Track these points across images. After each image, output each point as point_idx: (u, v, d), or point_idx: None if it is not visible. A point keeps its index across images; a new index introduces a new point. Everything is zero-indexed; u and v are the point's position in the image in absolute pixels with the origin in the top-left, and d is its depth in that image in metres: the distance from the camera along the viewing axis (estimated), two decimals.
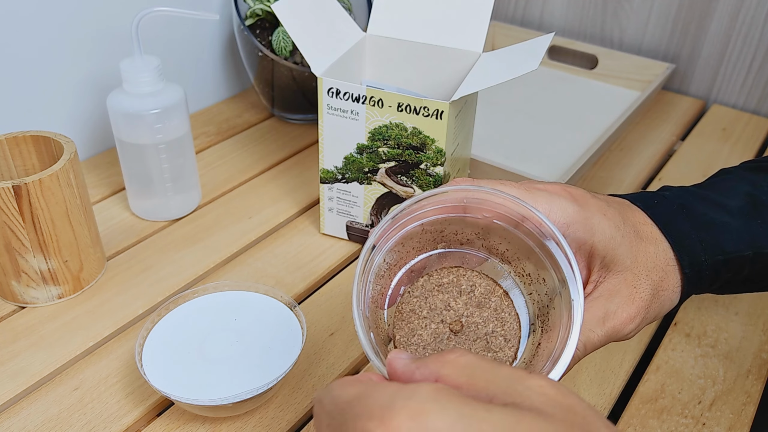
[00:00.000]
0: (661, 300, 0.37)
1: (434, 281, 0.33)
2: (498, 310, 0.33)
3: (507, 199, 0.34)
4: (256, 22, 0.71)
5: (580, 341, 0.34)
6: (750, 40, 0.81)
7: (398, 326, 0.32)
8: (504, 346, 0.32)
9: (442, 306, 0.32)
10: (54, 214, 0.49)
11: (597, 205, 0.37)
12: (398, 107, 0.51)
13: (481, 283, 0.33)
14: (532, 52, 0.49)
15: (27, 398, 0.45)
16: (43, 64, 0.64)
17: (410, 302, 0.32)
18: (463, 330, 0.31)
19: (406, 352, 0.27)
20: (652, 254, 0.37)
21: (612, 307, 0.35)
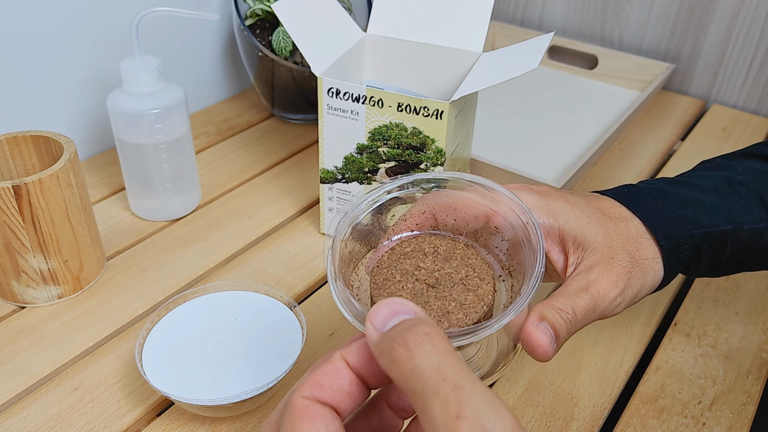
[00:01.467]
0: (642, 268, 0.37)
1: (397, 252, 0.34)
2: (465, 258, 0.34)
3: (476, 189, 0.36)
4: (256, 22, 0.71)
5: (569, 307, 0.35)
6: (750, 40, 0.81)
7: (376, 295, 0.32)
8: (481, 283, 0.32)
9: (412, 268, 0.33)
10: (54, 214, 0.49)
11: (558, 194, 0.40)
12: (398, 107, 0.51)
13: (442, 243, 0.34)
14: (532, 52, 0.49)
15: (27, 398, 0.45)
16: (43, 64, 0.64)
17: (381, 274, 0.33)
18: (439, 282, 0.32)
19: (385, 312, 0.27)
20: (624, 229, 0.38)
21: (592, 276, 0.36)
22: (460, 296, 0.31)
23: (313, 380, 0.27)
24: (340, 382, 0.27)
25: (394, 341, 0.25)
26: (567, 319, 0.35)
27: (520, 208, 0.35)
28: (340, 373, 0.27)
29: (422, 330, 0.25)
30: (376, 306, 0.27)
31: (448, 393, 0.23)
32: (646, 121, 0.81)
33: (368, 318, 0.27)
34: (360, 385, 0.27)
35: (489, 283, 0.32)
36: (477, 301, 0.31)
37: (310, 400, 0.26)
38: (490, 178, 0.37)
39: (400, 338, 0.25)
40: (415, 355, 0.24)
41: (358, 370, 0.27)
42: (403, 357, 0.25)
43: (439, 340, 0.25)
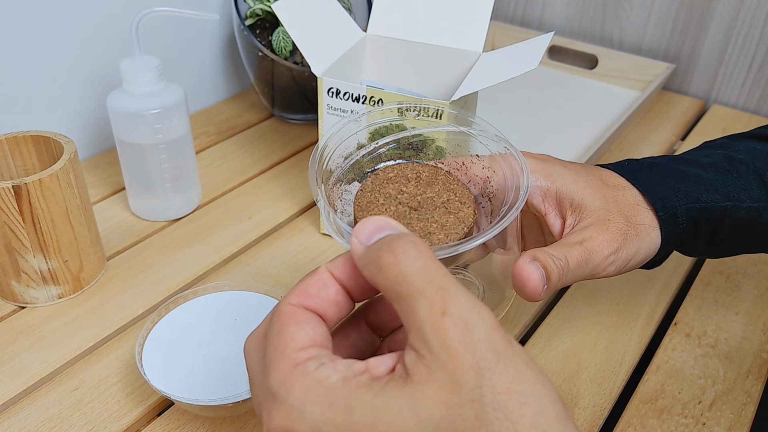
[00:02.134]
0: (638, 233, 0.38)
1: (381, 177, 0.35)
2: (447, 183, 0.35)
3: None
4: (256, 21, 0.71)
5: (563, 255, 0.36)
6: (750, 40, 0.81)
7: (360, 217, 0.33)
8: (462, 206, 0.33)
9: (395, 192, 0.34)
10: (54, 214, 0.49)
11: (557, 160, 0.41)
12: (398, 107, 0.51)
13: (424, 170, 0.35)
14: (532, 52, 0.49)
15: (27, 398, 0.45)
16: (43, 64, 0.64)
17: (365, 197, 0.34)
18: (421, 205, 0.33)
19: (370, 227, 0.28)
20: (621, 196, 0.39)
21: (587, 233, 0.37)
22: (441, 218, 0.32)
23: (300, 289, 0.28)
24: (327, 291, 0.28)
25: (380, 249, 0.26)
26: (559, 265, 0.35)
27: (519, 167, 0.36)
28: (327, 282, 0.28)
29: (408, 239, 0.26)
30: (362, 222, 0.28)
31: (434, 293, 0.25)
32: (646, 121, 0.81)
33: (354, 233, 0.28)
34: (345, 296, 0.29)
35: (469, 206, 0.33)
36: (458, 223, 0.32)
37: (297, 306, 0.28)
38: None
39: (387, 246, 0.26)
40: (401, 260, 0.26)
41: (343, 283, 0.29)
42: (390, 262, 0.26)
43: (423, 248, 0.26)
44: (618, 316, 0.53)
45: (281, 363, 0.26)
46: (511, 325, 0.52)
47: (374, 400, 0.24)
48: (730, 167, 0.42)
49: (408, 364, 0.25)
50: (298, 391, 0.25)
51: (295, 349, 0.26)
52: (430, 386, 0.24)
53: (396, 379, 0.25)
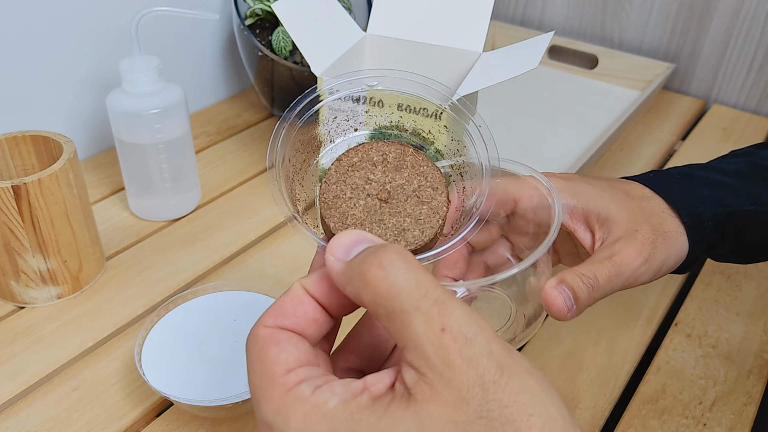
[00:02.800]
0: (666, 240, 0.39)
1: (345, 164, 0.33)
2: (415, 165, 0.33)
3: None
4: (256, 21, 0.71)
5: (592, 272, 0.37)
6: (750, 40, 0.81)
7: (328, 216, 0.31)
8: (434, 194, 0.32)
9: (362, 182, 0.32)
10: (53, 214, 0.48)
11: (582, 177, 0.42)
12: (398, 107, 0.51)
13: (390, 149, 0.33)
14: (532, 51, 0.49)
15: (26, 398, 0.45)
16: (43, 64, 0.64)
17: (330, 190, 0.32)
18: (391, 195, 0.32)
19: (346, 242, 0.27)
20: (646, 206, 0.40)
21: (616, 248, 0.38)
22: (414, 211, 0.31)
23: (275, 309, 0.27)
24: (303, 308, 0.27)
25: (365, 263, 0.25)
26: (588, 283, 0.36)
27: (546, 189, 0.39)
28: (302, 300, 0.27)
29: (392, 249, 0.25)
30: (336, 238, 0.27)
31: (431, 307, 0.23)
32: (646, 121, 0.81)
33: (329, 249, 0.26)
34: (323, 312, 0.27)
35: (442, 192, 0.32)
36: (432, 214, 0.31)
37: (273, 327, 0.26)
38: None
39: (372, 259, 0.25)
40: (391, 273, 0.24)
41: (320, 299, 0.27)
42: (378, 276, 0.24)
43: (410, 258, 0.25)
44: (619, 316, 0.53)
45: (272, 391, 0.25)
46: None
47: (379, 423, 0.23)
48: (754, 173, 0.43)
49: (408, 383, 0.24)
50: (295, 420, 0.24)
51: (282, 373, 0.25)
52: (435, 405, 0.23)
53: (398, 399, 0.24)
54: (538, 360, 0.49)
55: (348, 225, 0.31)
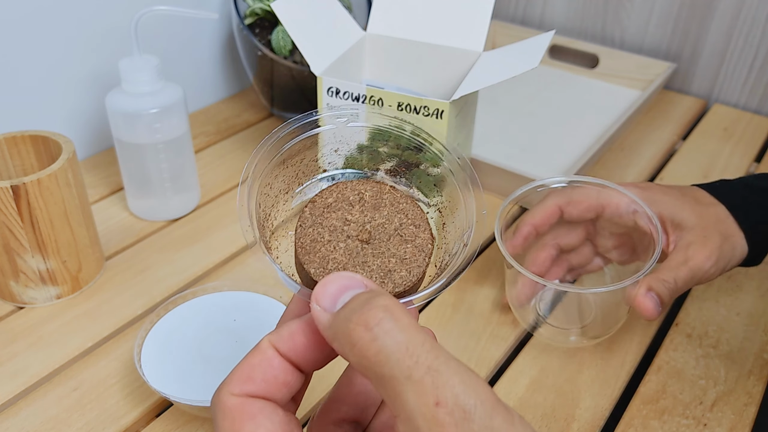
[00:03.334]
0: (731, 243, 0.45)
1: (319, 205, 0.31)
2: (394, 203, 0.31)
3: None
4: (256, 21, 0.71)
5: (672, 278, 0.44)
6: (751, 40, 0.80)
7: (307, 261, 0.29)
8: (417, 231, 0.30)
9: (340, 223, 0.30)
10: (52, 214, 0.48)
11: (658, 187, 0.48)
12: (398, 107, 0.51)
13: (366, 188, 0.31)
14: (533, 50, 0.49)
15: (26, 399, 0.45)
16: (42, 64, 0.64)
17: (306, 234, 0.30)
18: (372, 236, 0.30)
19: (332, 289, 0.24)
20: (713, 213, 0.46)
21: (690, 252, 0.44)
22: (399, 250, 0.29)
23: (243, 374, 0.25)
24: (273, 372, 0.25)
25: (351, 321, 0.22)
26: (669, 287, 0.43)
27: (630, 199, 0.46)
28: (272, 362, 0.25)
29: (380, 304, 0.23)
30: (321, 285, 0.24)
31: (423, 376, 0.21)
32: (647, 120, 0.80)
33: (314, 298, 0.24)
34: (294, 372, 0.25)
35: (425, 229, 0.30)
36: (417, 252, 0.29)
37: (241, 396, 0.24)
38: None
39: (358, 317, 0.22)
40: (378, 336, 0.22)
41: (291, 358, 0.25)
42: (364, 339, 0.22)
43: (400, 315, 0.23)
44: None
45: None
46: (512, 325, 0.52)
47: None
48: None
49: None
50: None
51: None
52: None
53: None
54: (539, 359, 0.49)
55: (330, 270, 0.29)
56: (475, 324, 0.52)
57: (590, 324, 0.49)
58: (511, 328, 0.51)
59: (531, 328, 0.50)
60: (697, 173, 0.71)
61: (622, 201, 0.47)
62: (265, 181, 0.32)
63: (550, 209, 0.48)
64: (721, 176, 0.70)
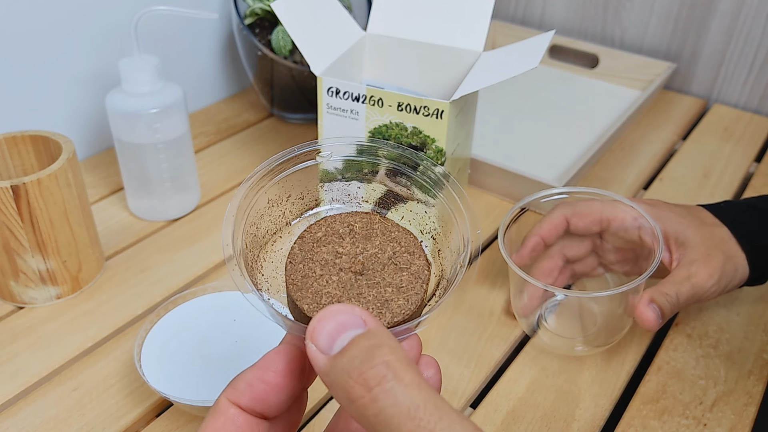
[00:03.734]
0: (734, 264, 0.46)
1: (308, 240, 0.30)
2: (386, 232, 0.30)
3: None
4: (256, 21, 0.71)
5: (674, 292, 0.44)
6: (751, 40, 0.80)
7: (299, 298, 0.28)
8: (412, 258, 0.29)
9: (332, 256, 0.29)
10: (52, 214, 0.48)
11: (665, 204, 0.49)
12: (398, 107, 0.51)
13: (355, 220, 0.30)
14: (533, 50, 0.49)
15: (26, 399, 0.45)
16: (42, 64, 0.64)
17: (297, 270, 0.29)
18: (365, 266, 0.29)
19: (329, 327, 0.23)
20: (717, 233, 0.47)
21: (693, 269, 0.45)
22: (394, 279, 0.28)
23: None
24: (236, 429, 0.24)
25: (350, 378, 0.21)
26: (671, 301, 0.44)
27: (637, 213, 0.47)
28: (235, 421, 0.24)
29: (382, 360, 0.21)
30: (317, 320, 0.23)
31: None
32: (647, 120, 0.80)
33: (309, 336, 0.23)
34: (260, 424, 0.25)
35: (420, 256, 0.29)
36: (414, 280, 0.28)
37: None
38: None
39: (357, 374, 0.21)
40: (379, 397, 0.21)
41: (255, 408, 0.25)
42: (364, 399, 0.21)
43: (403, 371, 0.21)
44: None
45: None
46: (512, 326, 0.52)
47: None
48: None
49: None
50: None
51: None
52: None
53: None
54: (539, 359, 0.49)
55: (324, 304, 0.28)
56: (475, 324, 0.52)
57: (594, 333, 0.49)
58: (511, 329, 0.51)
59: (536, 336, 0.50)
60: (697, 173, 0.71)
61: (628, 216, 0.48)
62: (250, 221, 0.30)
63: (556, 220, 0.49)
64: (721, 176, 0.70)
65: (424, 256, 0.30)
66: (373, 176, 0.48)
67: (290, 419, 0.27)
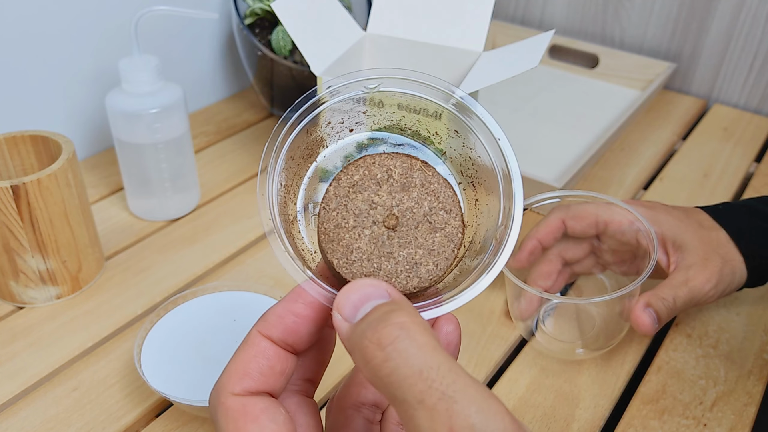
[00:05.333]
0: (732, 268, 0.46)
1: (345, 184, 0.29)
2: (425, 184, 0.29)
3: None
4: (256, 21, 0.71)
5: (671, 296, 0.44)
6: (751, 39, 0.80)
7: (330, 250, 0.28)
8: (448, 218, 0.29)
9: (366, 206, 0.28)
10: (52, 214, 0.48)
11: (663, 207, 0.49)
12: (398, 107, 0.51)
13: (395, 164, 0.30)
14: (533, 50, 0.49)
15: (25, 399, 0.45)
16: (42, 64, 0.64)
17: (330, 218, 0.28)
18: (400, 222, 0.28)
19: (354, 298, 0.24)
20: (715, 237, 0.47)
21: (690, 273, 0.45)
22: (427, 240, 0.28)
23: (239, 371, 0.25)
24: (269, 363, 0.25)
25: (365, 337, 0.22)
26: (668, 306, 0.44)
27: (634, 216, 0.46)
28: (266, 353, 0.25)
29: (397, 321, 0.22)
30: (344, 291, 0.24)
31: (436, 403, 0.20)
32: (647, 120, 0.80)
33: (335, 307, 0.24)
34: (290, 358, 0.26)
35: (456, 215, 0.29)
36: (446, 243, 0.28)
37: (243, 396, 0.24)
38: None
39: (372, 334, 0.22)
40: (392, 356, 0.21)
41: (286, 340, 0.25)
42: (378, 358, 0.21)
43: (418, 333, 0.22)
44: None
45: None
46: (512, 326, 0.52)
47: None
48: None
49: None
50: None
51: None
52: None
53: None
54: (539, 360, 0.49)
55: (353, 261, 0.28)
56: (475, 324, 0.51)
57: (593, 337, 0.49)
58: (511, 329, 0.51)
59: (534, 340, 0.50)
60: (697, 173, 0.71)
61: (625, 219, 0.47)
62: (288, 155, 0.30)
63: (554, 224, 0.49)
64: (721, 176, 0.70)
65: (461, 215, 0.29)
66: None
67: (318, 358, 0.27)
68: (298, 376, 0.27)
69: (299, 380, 0.27)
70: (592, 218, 0.48)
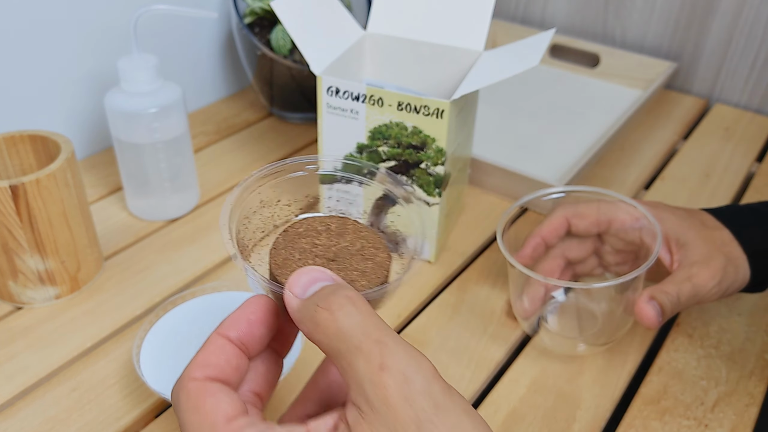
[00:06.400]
0: (735, 266, 0.46)
1: (291, 233, 0.35)
2: (357, 232, 0.35)
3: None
4: (255, 20, 0.71)
5: (675, 291, 0.44)
6: (753, 39, 0.80)
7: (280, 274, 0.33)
8: (377, 252, 0.34)
9: (309, 246, 0.34)
10: (51, 214, 0.48)
11: (667, 207, 0.49)
12: (398, 106, 0.50)
13: (332, 221, 0.36)
14: (533, 49, 0.49)
15: (24, 399, 0.45)
16: (41, 63, 0.64)
17: (279, 255, 0.34)
18: (337, 255, 0.33)
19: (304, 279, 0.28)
20: (718, 236, 0.47)
21: (693, 270, 0.45)
22: (360, 266, 0.33)
23: (201, 361, 0.28)
24: (226, 357, 0.28)
25: (318, 305, 0.26)
26: (671, 300, 0.44)
27: (639, 213, 0.47)
28: (224, 348, 0.29)
29: (344, 294, 0.27)
30: (296, 274, 0.28)
31: (371, 347, 0.25)
32: (648, 120, 0.80)
33: (288, 286, 0.28)
34: (242, 356, 0.29)
35: (384, 251, 0.34)
36: (377, 268, 0.33)
37: (201, 380, 0.27)
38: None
39: (324, 302, 0.26)
40: (339, 317, 0.26)
41: (241, 339, 0.29)
42: (327, 319, 0.26)
43: (360, 303, 0.27)
44: None
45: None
46: (513, 326, 0.51)
47: None
48: None
49: (350, 421, 0.25)
50: None
51: (224, 421, 0.26)
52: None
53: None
54: (540, 361, 0.49)
55: None
56: (475, 324, 0.51)
57: (595, 333, 0.49)
58: (512, 329, 0.51)
59: (537, 337, 0.50)
60: (698, 173, 0.71)
61: (628, 217, 0.47)
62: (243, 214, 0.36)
63: (557, 221, 0.49)
64: (722, 176, 0.70)
65: (387, 251, 0.35)
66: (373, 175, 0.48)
67: (267, 375, 0.31)
68: (248, 387, 0.30)
69: (249, 392, 0.30)
70: (596, 216, 0.48)
